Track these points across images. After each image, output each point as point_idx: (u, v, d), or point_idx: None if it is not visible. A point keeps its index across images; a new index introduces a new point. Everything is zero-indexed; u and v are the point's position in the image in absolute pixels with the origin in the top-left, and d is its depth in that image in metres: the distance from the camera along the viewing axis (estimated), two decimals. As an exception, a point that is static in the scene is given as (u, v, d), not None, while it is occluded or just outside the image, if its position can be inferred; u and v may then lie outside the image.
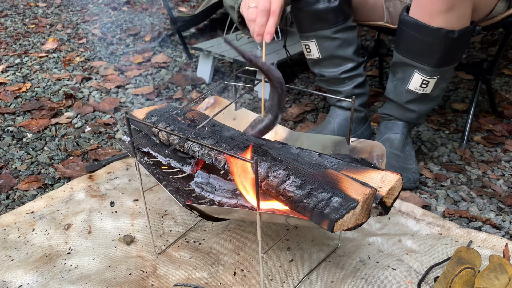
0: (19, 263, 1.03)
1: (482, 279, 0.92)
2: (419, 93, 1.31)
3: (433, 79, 1.27)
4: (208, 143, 0.92)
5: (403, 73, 1.32)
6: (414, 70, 1.28)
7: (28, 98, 1.94)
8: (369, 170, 0.83)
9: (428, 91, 1.30)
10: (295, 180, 0.78)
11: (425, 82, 1.28)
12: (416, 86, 1.30)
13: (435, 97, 1.34)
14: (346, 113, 1.54)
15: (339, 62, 1.45)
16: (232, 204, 0.93)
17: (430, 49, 1.22)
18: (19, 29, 2.96)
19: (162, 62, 2.39)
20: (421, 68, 1.26)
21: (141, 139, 1.07)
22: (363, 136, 1.56)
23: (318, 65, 1.49)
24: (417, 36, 1.22)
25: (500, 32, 2.51)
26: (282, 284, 0.98)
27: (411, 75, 1.29)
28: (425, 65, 1.25)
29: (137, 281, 0.98)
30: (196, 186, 0.96)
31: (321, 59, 1.46)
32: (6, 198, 1.30)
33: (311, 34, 1.42)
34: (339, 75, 1.47)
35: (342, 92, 1.50)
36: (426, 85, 1.28)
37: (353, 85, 1.49)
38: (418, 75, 1.28)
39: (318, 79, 1.55)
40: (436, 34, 1.19)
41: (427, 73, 1.26)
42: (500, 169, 1.45)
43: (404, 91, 1.33)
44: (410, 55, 1.27)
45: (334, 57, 1.44)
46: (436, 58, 1.23)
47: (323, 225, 0.70)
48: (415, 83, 1.29)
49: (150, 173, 0.96)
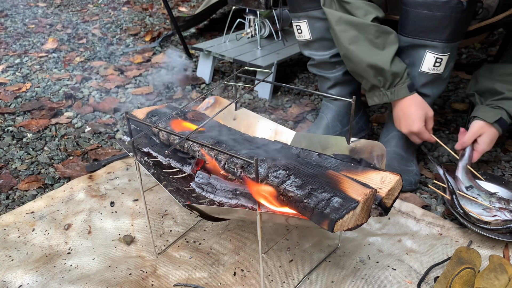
0: (19, 263, 1.03)
1: (482, 279, 0.92)
2: (433, 73, 1.28)
3: (446, 55, 1.25)
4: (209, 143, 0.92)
5: (413, 56, 1.29)
6: (425, 50, 1.25)
7: (28, 98, 1.94)
8: (369, 170, 0.83)
9: (441, 70, 1.28)
10: (295, 180, 0.78)
11: (438, 60, 1.26)
12: (429, 67, 1.27)
13: (446, 77, 1.32)
14: (337, 107, 1.53)
15: (329, 45, 1.43)
16: (232, 204, 0.93)
17: (441, 23, 1.20)
18: (19, 29, 2.96)
19: (162, 62, 2.39)
20: (433, 46, 1.24)
21: (141, 139, 1.07)
22: (359, 124, 1.55)
23: (308, 47, 1.49)
24: (427, 13, 1.20)
25: (500, 32, 2.51)
26: (282, 284, 0.98)
27: (422, 56, 1.27)
28: (437, 41, 1.23)
29: (137, 281, 0.98)
30: (196, 186, 0.96)
31: (312, 41, 1.45)
32: (6, 198, 1.30)
33: (303, 14, 1.41)
34: (329, 59, 1.46)
35: (330, 79, 1.49)
36: (440, 63, 1.26)
37: (343, 71, 1.47)
38: (431, 54, 1.25)
39: (309, 64, 1.55)
40: (447, 6, 1.17)
41: (439, 50, 1.24)
42: (500, 169, 1.45)
43: (417, 74, 1.29)
44: (420, 34, 1.25)
45: (325, 39, 1.43)
46: (447, 32, 1.21)
47: (323, 225, 0.70)
48: (428, 63, 1.27)
49: (150, 173, 0.96)
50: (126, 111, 0.90)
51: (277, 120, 1.76)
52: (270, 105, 1.91)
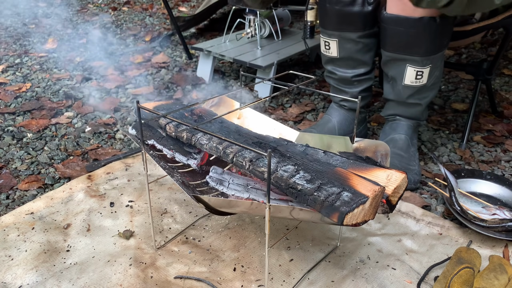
0: (18, 262, 1.03)
1: (482, 279, 0.92)
2: (416, 85, 1.31)
3: (426, 68, 1.27)
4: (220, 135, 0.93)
5: (396, 70, 1.32)
6: (406, 64, 1.28)
7: (28, 98, 1.94)
8: (375, 168, 0.84)
9: (424, 81, 1.30)
10: (304, 175, 0.79)
11: (419, 73, 1.28)
12: (411, 80, 1.30)
13: (433, 85, 1.34)
14: (346, 112, 1.54)
15: (354, 65, 1.44)
16: (243, 198, 0.93)
17: (417, 39, 1.23)
18: (19, 29, 2.96)
19: (162, 62, 2.39)
20: (412, 60, 1.26)
21: (146, 132, 1.07)
22: (359, 136, 1.57)
23: (333, 63, 1.48)
24: (402, 30, 1.23)
25: (500, 32, 2.51)
26: (282, 283, 0.98)
27: (404, 70, 1.30)
28: (416, 56, 1.25)
29: (136, 274, 0.99)
30: (210, 180, 0.97)
31: (338, 59, 1.45)
32: (6, 198, 1.30)
33: (335, 33, 1.40)
34: (351, 78, 1.46)
35: (348, 92, 1.50)
36: (421, 75, 1.29)
37: (361, 88, 1.49)
38: (411, 68, 1.28)
39: (327, 75, 1.54)
40: (420, 23, 1.19)
41: (419, 64, 1.26)
42: (500, 169, 1.45)
43: (401, 88, 1.33)
44: (399, 49, 1.27)
45: (351, 59, 1.43)
46: (424, 47, 1.24)
47: (333, 217, 0.71)
48: (410, 77, 1.30)
49: (157, 162, 0.97)
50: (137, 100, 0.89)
51: (277, 120, 1.76)
52: (270, 105, 1.91)
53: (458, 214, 1.14)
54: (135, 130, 1.07)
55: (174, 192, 1.30)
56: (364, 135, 1.59)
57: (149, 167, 1.38)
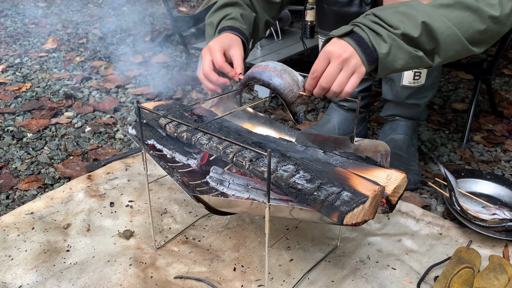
0: (18, 262, 1.03)
1: (482, 279, 0.92)
2: (415, 86, 1.31)
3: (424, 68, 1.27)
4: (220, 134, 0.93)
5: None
6: None
7: (28, 98, 1.94)
8: (375, 168, 0.84)
9: (422, 82, 1.30)
10: (304, 175, 0.79)
11: (417, 73, 1.29)
12: (410, 80, 1.30)
13: (431, 85, 1.34)
14: (346, 112, 1.55)
15: None
16: (243, 198, 0.93)
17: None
18: (19, 29, 2.96)
19: (162, 62, 2.39)
20: None
21: (146, 132, 1.07)
22: (359, 136, 1.57)
23: None
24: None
25: (500, 32, 2.50)
26: (282, 283, 0.98)
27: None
28: None
29: (136, 274, 0.99)
30: (211, 180, 0.97)
31: None
32: (6, 198, 1.30)
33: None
34: None
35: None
36: (419, 75, 1.29)
37: (360, 88, 1.49)
38: None
39: None
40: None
41: None
42: (500, 169, 1.45)
43: (400, 88, 1.33)
44: None
45: None
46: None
47: (333, 217, 0.71)
48: (408, 78, 1.30)
49: (157, 162, 0.97)
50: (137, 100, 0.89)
51: (277, 120, 1.76)
52: (270, 105, 1.91)
53: (458, 214, 1.14)
54: (135, 130, 1.07)
55: (174, 192, 1.30)
56: (364, 135, 1.59)
57: (149, 167, 1.38)
